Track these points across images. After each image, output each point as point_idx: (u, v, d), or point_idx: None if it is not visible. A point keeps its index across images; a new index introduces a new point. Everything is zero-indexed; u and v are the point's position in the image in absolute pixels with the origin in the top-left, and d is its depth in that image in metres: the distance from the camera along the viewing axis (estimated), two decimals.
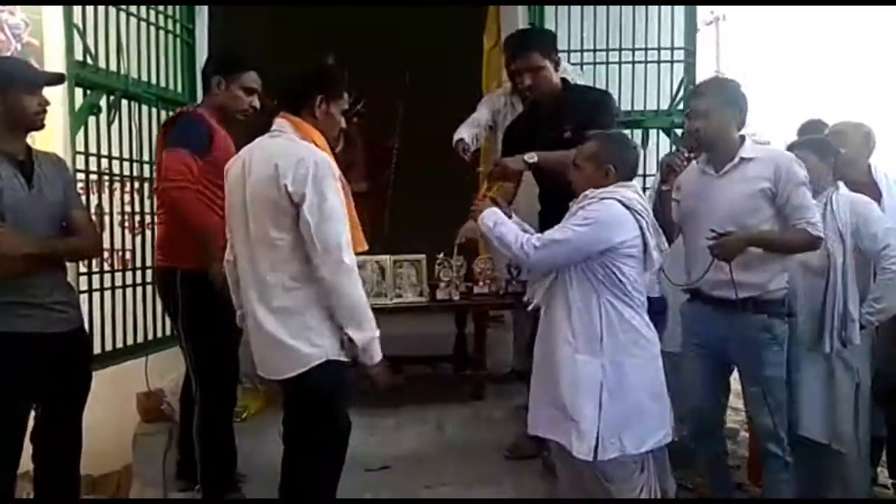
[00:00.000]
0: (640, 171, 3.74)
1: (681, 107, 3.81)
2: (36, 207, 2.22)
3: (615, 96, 3.74)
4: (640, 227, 2.29)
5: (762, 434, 2.54)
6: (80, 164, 2.78)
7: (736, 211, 2.48)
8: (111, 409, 3.05)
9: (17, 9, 2.48)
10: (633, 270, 2.29)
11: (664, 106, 3.86)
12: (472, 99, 4.36)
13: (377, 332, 2.07)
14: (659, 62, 3.86)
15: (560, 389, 2.29)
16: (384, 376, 2.12)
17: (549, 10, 3.88)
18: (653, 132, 3.86)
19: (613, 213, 2.27)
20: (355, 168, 5.29)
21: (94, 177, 2.88)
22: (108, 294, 2.94)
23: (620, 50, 3.84)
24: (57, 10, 2.57)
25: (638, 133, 3.85)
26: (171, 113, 3.17)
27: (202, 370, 2.58)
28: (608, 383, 2.25)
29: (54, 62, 2.56)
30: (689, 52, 3.88)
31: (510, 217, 2.47)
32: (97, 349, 2.83)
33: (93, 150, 2.84)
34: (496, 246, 2.41)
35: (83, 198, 2.74)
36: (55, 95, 2.51)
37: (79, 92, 2.74)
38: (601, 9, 3.84)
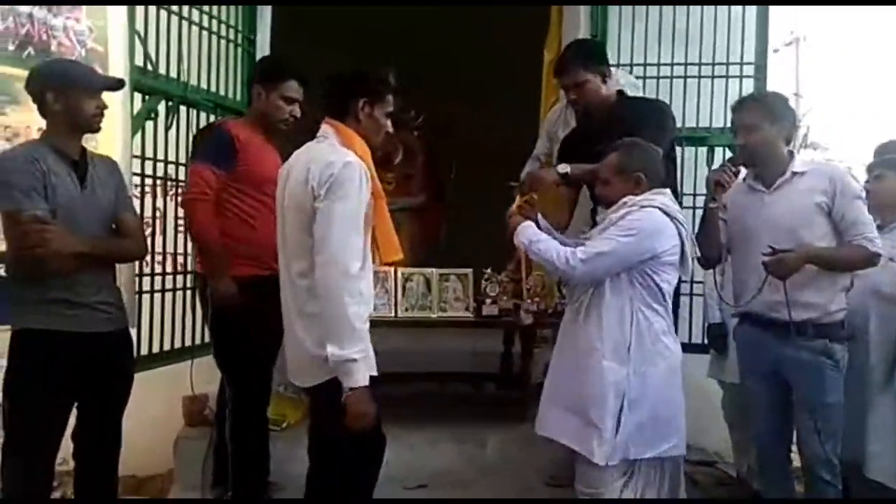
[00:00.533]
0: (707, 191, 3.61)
1: None
2: (87, 207, 2.26)
3: (679, 112, 3.63)
4: (680, 235, 2.27)
5: (813, 462, 2.39)
6: (137, 168, 2.84)
7: (791, 226, 2.37)
8: (159, 411, 3.10)
9: (83, 16, 2.53)
10: (670, 279, 2.29)
11: (731, 123, 3.69)
12: (531, 111, 4.31)
13: (358, 356, 1.91)
14: (727, 77, 3.68)
15: (583, 394, 2.25)
16: (357, 406, 1.92)
17: (612, 19, 3.77)
18: (718, 150, 3.68)
19: (656, 222, 2.24)
20: (415, 180, 5.33)
21: (150, 181, 2.93)
22: (158, 296, 2.98)
23: (686, 64, 3.70)
24: (121, 18, 2.63)
25: (702, 151, 3.70)
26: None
27: (232, 376, 2.59)
28: (630, 392, 2.23)
29: (117, 68, 2.61)
30: (760, 67, 3.70)
31: (538, 223, 2.43)
32: (146, 350, 2.88)
33: (150, 154, 2.89)
34: (536, 260, 2.37)
35: (139, 201, 2.80)
36: (115, 100, 2.57)
37: (138, 97, 2.80)
38: (667, 21, 3.71)
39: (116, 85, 2.34)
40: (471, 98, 5.21)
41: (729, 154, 3.69)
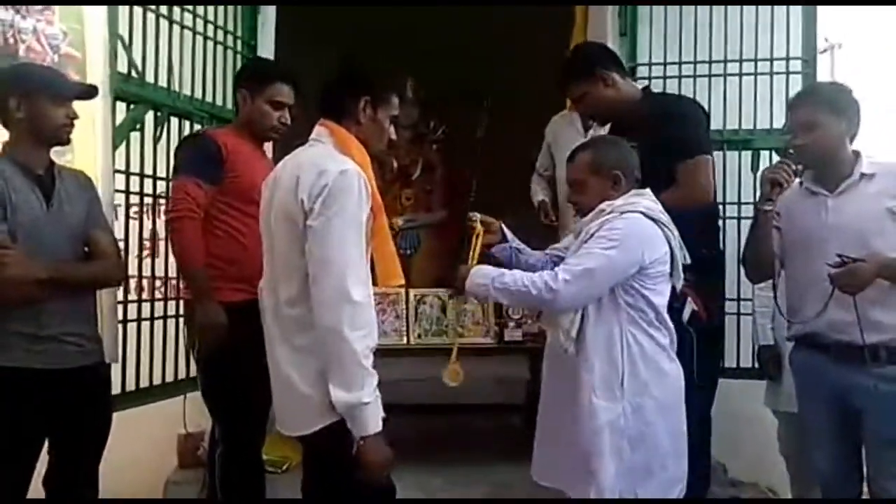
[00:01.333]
0: (752, 199, 3.28)
1: None
2: (54, 227, 2.01)
3: (718, 113, 3.32)
4: (668, 241, 2.04)
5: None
6: (121, 184, 2.59)
7: (860, 234, 2.08)
8: (148, 453, 2.83)
9: (56, 18, 2.31)
10: (660, 295, 2.04)
11: (778, 124, 3.34)
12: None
13: (370, 398, 1.64)
14: (771, 74, 3.35)
15: (576, 436, 2.01)
16: (374, 456, 1.65)
17: (642, 17, 3.48)
18: (764, 154, 3.34)
19: (642, 229, 2.01)
20: (435, 195, 5.05)
21: (136, 198, 2.68)
22: (146, 325, 2.73)
23: (725, 61, 3.38)
24: (100, 21, 2.40)
25: (747, 155, 3.36)
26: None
27: (221, 415, 2.32)
28: (629, 430, 1.99)
29: (96, 75, 2.38)
30: (808, 62, 3.36)
31: (513, 250, 2.20)
32: (133, 385, 2.62)
33: (136, 169, 2.65)
34: (508, 302, 2.10)
35: (122, 220, 2.57)
36: (94, 110, 2.35)
37: (122, 107, 2.57)
38: (703, 17, 3.40)
39: (88, 92, 2.10)
40: (493, 108, 4.93)
41: (776, 158, 3.37)
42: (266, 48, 3.31)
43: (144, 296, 2.74)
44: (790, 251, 2.27)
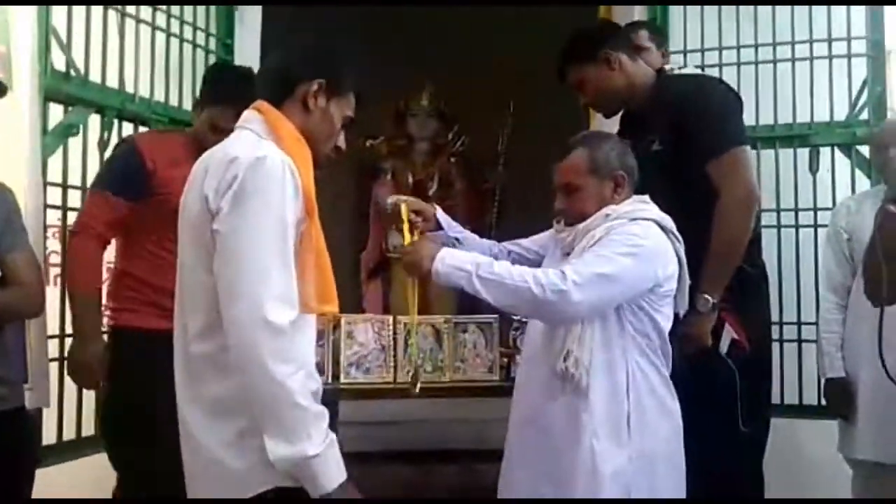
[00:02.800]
0: (812, 205, 2.81)
1: (864, 115, 2.81)
2: None
3: (769, 105, 2.86)
4: (678, 256, 1.75)
5: None
6: (55, 199, 2.25)
7: None
8: None
9: None
10: (667, 319, 1.75)
11: (840, 116, 2.86)
12: (578, 128, 3.60)
13: (319, 448, 1.26)
14: (830, 58, 2.87)
15: (566, 479, 1.67)
16: None
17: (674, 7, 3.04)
18: (825, 150, 2.85)
19: (657, 240, 1.71)
20: (453, 211, 4.68)
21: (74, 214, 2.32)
22: None
23: (774, 45, 2.92)
24: (30, 12, 2.08)
25: (803, 153, 2.87)
26: None
27: (128, 476, 1.98)
28: (637, 485, 1.66)
29: (22, 72, 2.06)
30: (876, 42, 2.85)
31: (451, 239, 1.92)
32: (73, 433, 2.25)
33: (76, 181, 2.30)
34: (494, 299, 1.65)
35: (56, 240, 2.23)
36: (20, 111, 2.04)
37: (58, 110, 2.24)
38: None
39: None
40: (516, 118, 4.56)
41: (840, 155, 2.88)
42: (248, 47, 2.98)
43: None
44: None
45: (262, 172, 1.29)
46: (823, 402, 2.55)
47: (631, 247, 1.66)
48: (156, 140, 2.11)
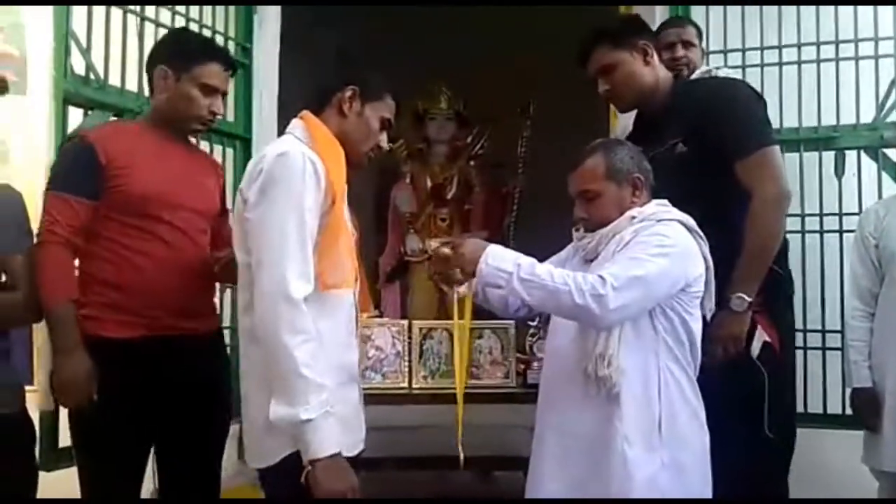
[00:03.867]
0: (837, 210, 2.75)
1: (892, 118, 2.75)
2: None
3: (793, 107, 2.81)
4: (704, 256, 1.73)
5: None
6: None
7: None
8: None
9: None
10: (697, 322, 1.72)
11: (867, 118, 2.79)
12: (600, 131, 3.55)
13: (314, 414, 1.42)
14: (857, 59, 2.81)
15: (600, 485, 1.64)
16: (325, 484, 1.43)
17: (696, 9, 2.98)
18: (851, 154, 2.79)
19: (684, 239, 1.70)
20: (473, 215, 4.65)
21: None
22: None
23: (799, 46, 2.86)
24: (46, 16, 2.10)
25: (828, 156, 2.81)
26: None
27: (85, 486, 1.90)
28: (669, 492, 1.63)
29: (40, 76, 2.07)
30: None
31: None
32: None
33: None
34: (532, 302, 1.63)
35: None
36: (38, 115, 2.06)
37: (77, 114, 2.24)
38: None
39: None
40: (537, 120, 4.52)
41: (866, 159, 2.82)
42: (266, 51, 2.98)
43: None
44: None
45: (285, 165, 1.49)
46: (849, 411, 2.49)
47: (661, 247, 1.64)
48: (106, 131, 2.00)
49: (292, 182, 1.48)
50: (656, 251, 1.64)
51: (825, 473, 2.57)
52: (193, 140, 2.14)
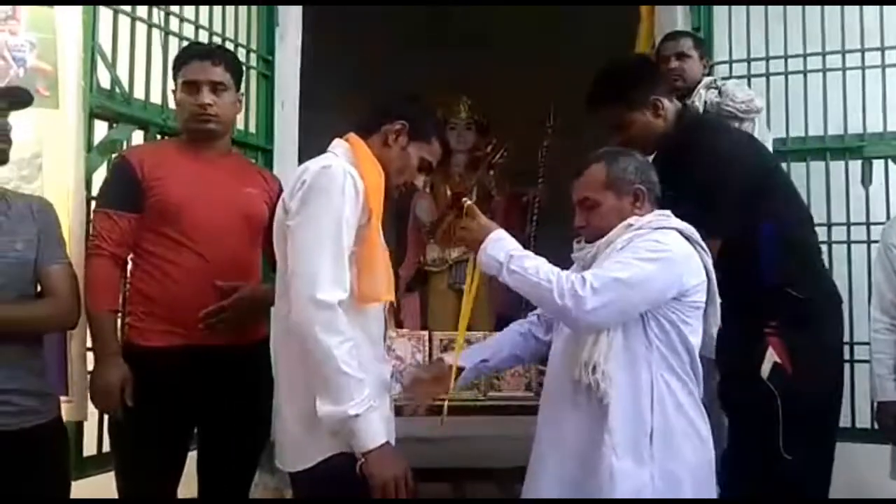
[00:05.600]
0: (865, 219, 2.70)
1: None
2: None
3: (818, 116, 2.77)
4: (706, 268, 1.69)
5: None
6: None
7: None
8: None
9: (22, 28, 2.05)
10: (695, 335, 1.67)
11: (894, 126, 2.75)
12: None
13: (359, 409, 1.48)
14: (883, 67, 2.78)
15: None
16: (381, 471, 1.50)
17: (719, 11, 2.96)
18: (878, 163, 2.75)
19: (681, 247, 1.65)
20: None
21: None
22: None
23: (824, 54, 2.83)
24: (75, 30, 2.13)
25: (855, 165, 2.77)
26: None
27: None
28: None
29: (71, 90, 2.10)
30: None
31: None
32: (108, 447, 2.27)
33: None
34: (518, 290, 1.64)
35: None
36: (67, 129, 2.07)
37: (102, 127, 2.28)
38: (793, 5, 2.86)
39: (13, 97, 1.77)
40: (557, 128, 4.49)
41: (893, 167, 2.77)
42: (288, 64, 3.00)
43: None
44: None
45: (326, 178, 1.55)
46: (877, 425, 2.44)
47: (652, 252, 1.60)
48: (145, 149, 2.09)
49: (332, 194, 1.53)
50: (645, 255, 1.60)
51: (853, 488, 2.52)
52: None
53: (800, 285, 2.00)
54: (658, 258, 1.60)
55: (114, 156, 2.18)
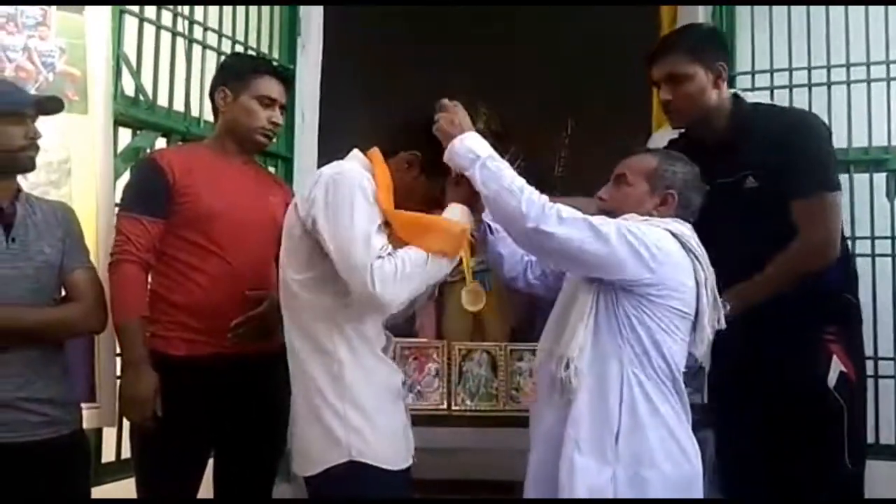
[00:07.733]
0: (890, 233, 2.66)
1: None
2: (13, 267, 1.70)
3: (842, 128, 2.73)
4: (696, 277, 1.60)
5: None
6: None
7: None
8: None
9: (52, 33, 2.07)
10: (676, 344, 1.59)
11: None
12: (641, 142, 3.51)
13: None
14: None
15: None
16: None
17: (742, 20, 2.94)
18: None
19: (666, 244, 1.58)
20: None
21: None
22: None
23: (848, 66, 2.79)
24: (103, 36, 2.14)
25: (880, 178, 2.73)
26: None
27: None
28: None
29: (100, 95, 2.11)
30: None
31: (486, 224, 1.84)
32: (127, 453, 2.26)
33: None
34: (483, 193, 1.56)
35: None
36: (94, 136, 2.09)
37: (126, 134, 2.29)
38: (817, 15, 2.84)
39: (47, 105, 1.78)
40: (574, 136, 4.50)
41: None
42: (309, 75, 3.01)
43: None
44: None
45: (344, 174, 1.58)
46: None
47: (630, 230, 1.54)
48: (174, 151, 2.07)
49: (353, 186, 1.55)
50: (623, 228, 1.54)
51: None
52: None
53: (855, 290, 1.99)
54: (634, 240, 1.53)
55: (141, 156, 2.18)
